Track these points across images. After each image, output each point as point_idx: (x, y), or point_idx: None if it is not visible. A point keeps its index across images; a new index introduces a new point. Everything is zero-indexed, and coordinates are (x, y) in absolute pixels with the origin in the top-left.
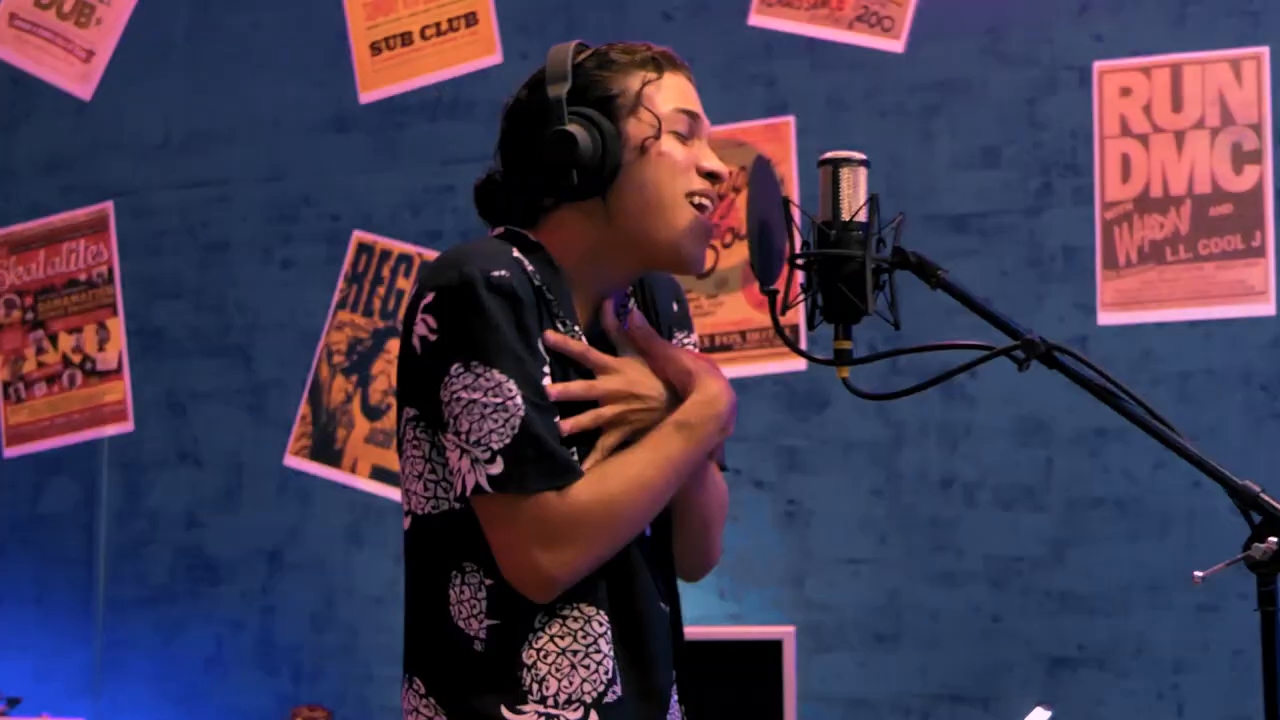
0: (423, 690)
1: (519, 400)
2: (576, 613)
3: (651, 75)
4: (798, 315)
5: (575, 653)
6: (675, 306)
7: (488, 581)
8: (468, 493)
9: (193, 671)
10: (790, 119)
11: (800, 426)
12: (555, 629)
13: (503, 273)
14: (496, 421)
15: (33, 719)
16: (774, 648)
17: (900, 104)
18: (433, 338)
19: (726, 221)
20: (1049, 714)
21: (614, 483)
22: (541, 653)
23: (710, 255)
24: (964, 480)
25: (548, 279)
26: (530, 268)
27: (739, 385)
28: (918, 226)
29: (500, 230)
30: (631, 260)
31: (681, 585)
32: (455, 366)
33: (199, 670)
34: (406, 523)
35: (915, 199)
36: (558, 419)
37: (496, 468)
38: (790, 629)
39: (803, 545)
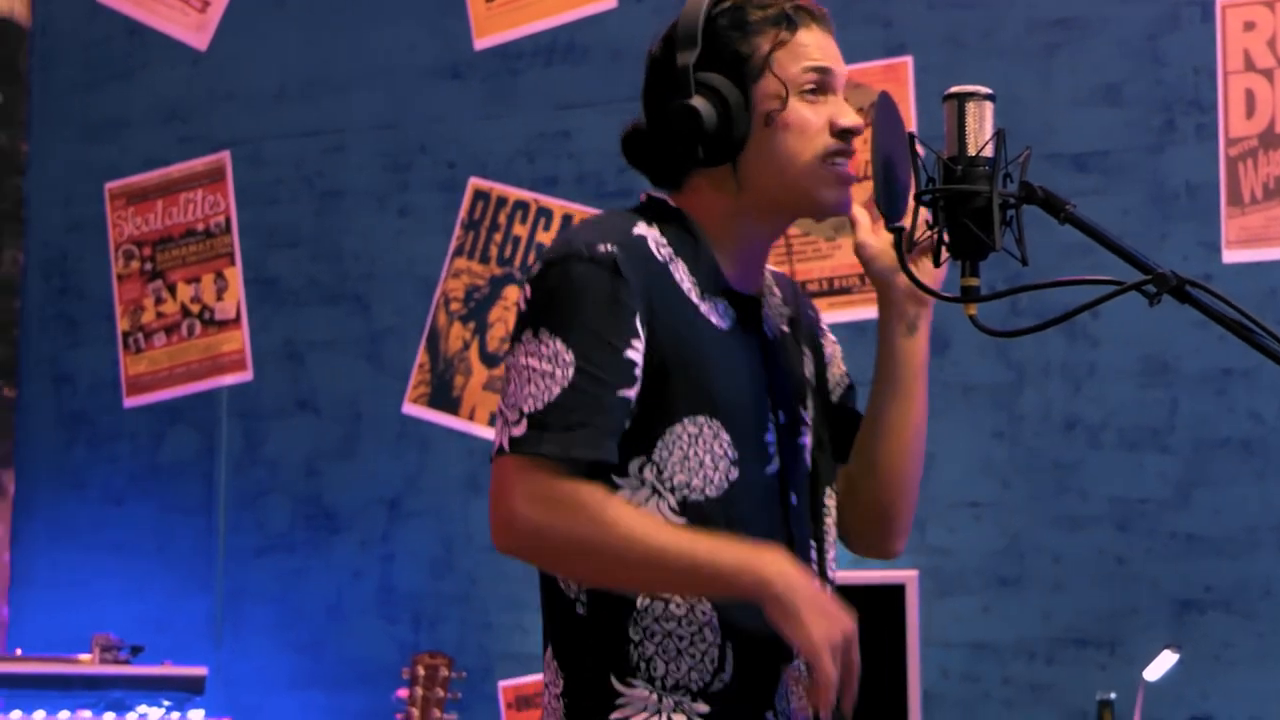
0: (551, 654)
1: (570, 372)
2: (680, 597)
3: (784, 34)
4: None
5: (681, 638)
6: (811, 313)
7: None
8: (494, 454)
9: (313, 620)
10: (908, 59)
11: None
12: (659, 610)
13: (608, 248)
14: (538, 387)
15: (154, 667)
16: (896, 592)
17: (1019, 42)
18: (523, 307)
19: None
20: (1176, 657)
21: (606, 528)
22: (648, 632)
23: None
24: (1087, 422)
25: (685, 247)
26: (662, 239)
27: (857, 329)
28: (1039, 166)
29: (644, 198)
30: (771, 220)
31: None
32: (526, 334)
33: (320, 619)
34: None
35: (1035, 138)
36: (626, 394)
37: (520, 429)
38: (913, 573)
39: (924, 489)
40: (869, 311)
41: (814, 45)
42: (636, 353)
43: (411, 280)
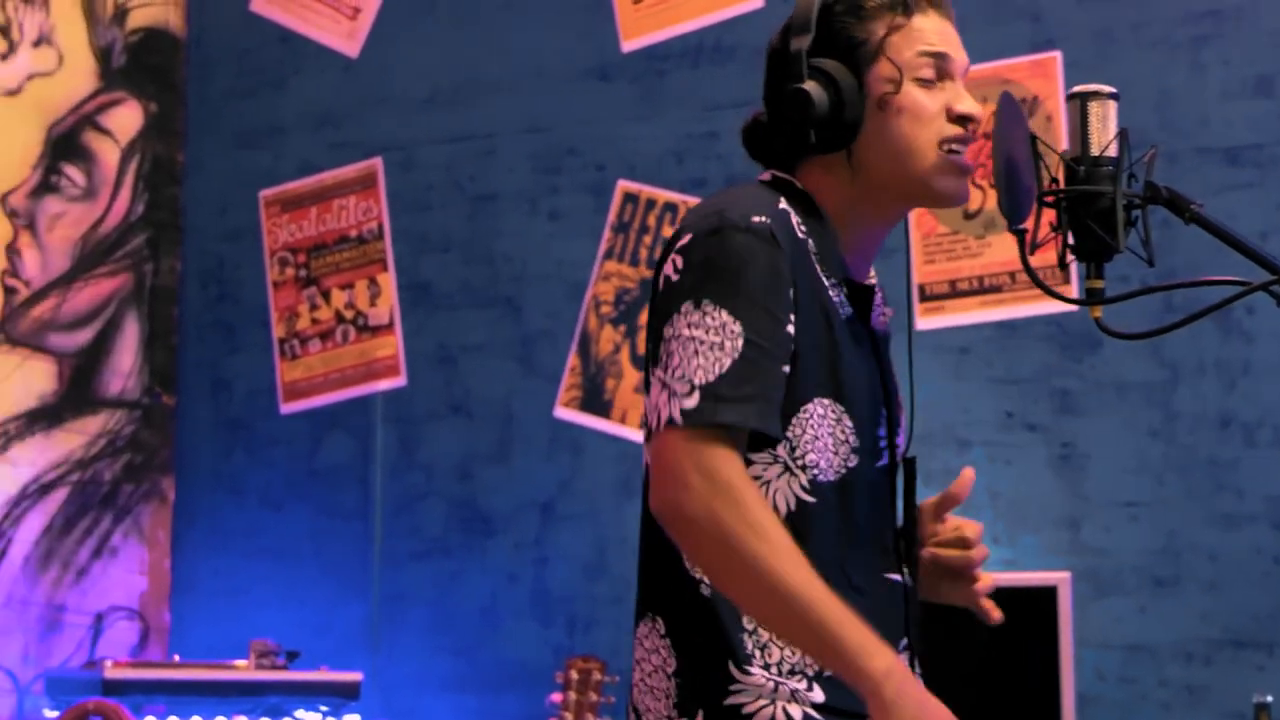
0: (663, 630)
1: (739, 343)
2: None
3: (899, 19)
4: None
5: None
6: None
7: None
8: (660, 426)
9: (468, 623)
10: (1057, 54)
11: (1073, 368)
12: None
13: (764, 219)
14: (707, 359)
15: (311, 672)
16: (1049, 594)
17: (1169, 35)
18: (675, 277)
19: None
20: None
21: (763, 545)
22: None
23: (978, 195)
24: (1243, 419)
25: (814, 228)
26: (796, 218)
27: (1008, 328)
28: (1190, 160)
29: (768, 176)
30: (886, 207)
31: None
32: (686, 305)
33: (474, 622)
34: (646, 458)
35: (1186, 132)
36: (785, 369)
37: (692, 401)
38: (1065, 575)
39: (1078, 489)
40: (1020, 310)
41: (931, 30)
42: (793, 327)
43: (562, 283)
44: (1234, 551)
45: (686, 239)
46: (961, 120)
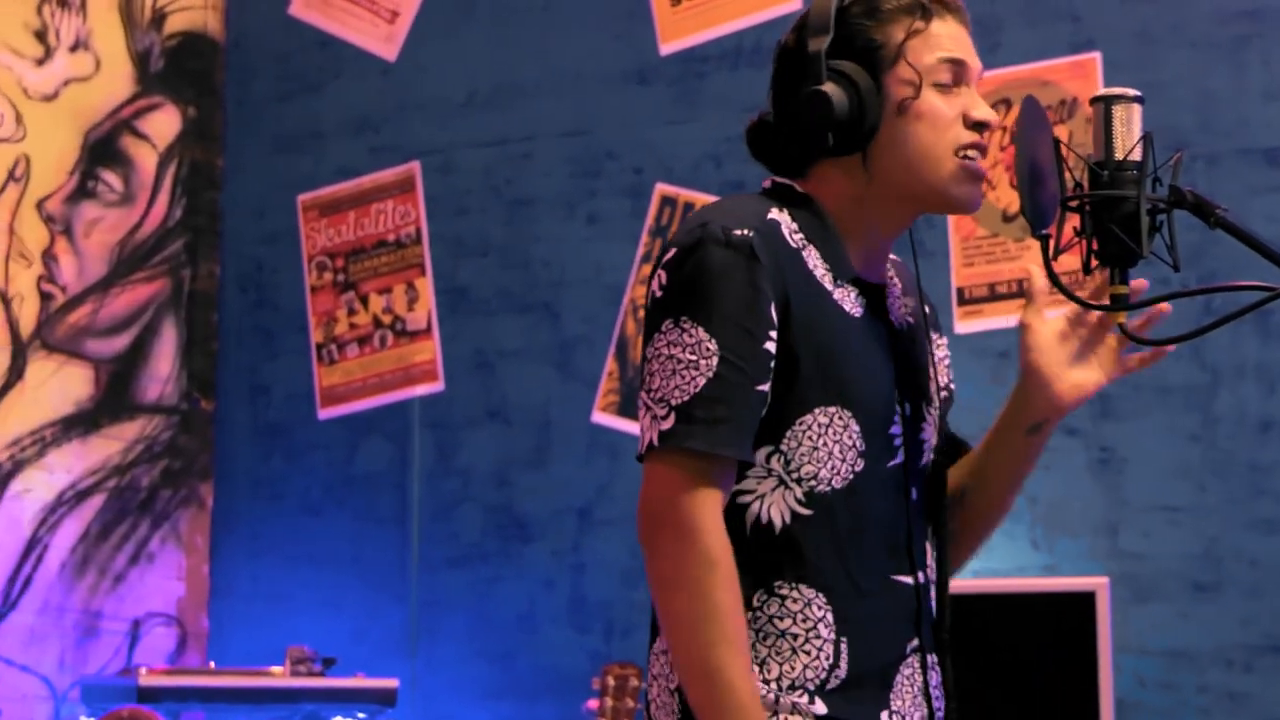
0: (659, 648)
1: (714, 361)
2: (796, 594)
3: (918, 24)
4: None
5: (795, 636)
6: (927, 310)
7: None
8: (644, 450)
9: (506, 630)
10: (1096, 55)
11: None
12: (774, 609)
13: (744, 231)
14: (683, 379)
15: (347, 679)
16: (1087, 600)
17: (1209, 35)
18: (659, 294)
19: None
20: None
21: (709, 611)
22: (761, 634)
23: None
24: None
25: (815, 234)
26: (793, 225)
27: None
28: (1231, 161)
29: (769, 183)
30: (899, 211)
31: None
32: (667, 323)
33: (512, 629)
34: None
35: (1227, 133)
36: (763, 388)
37: (668, 423)
38: (1104, 580)
39: (1117, 493)
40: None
41: (948, 36)
42: (773, 344)
43: (600, 288)
44: (1275, 557)
45: (670, 254)
46: (978, 126)
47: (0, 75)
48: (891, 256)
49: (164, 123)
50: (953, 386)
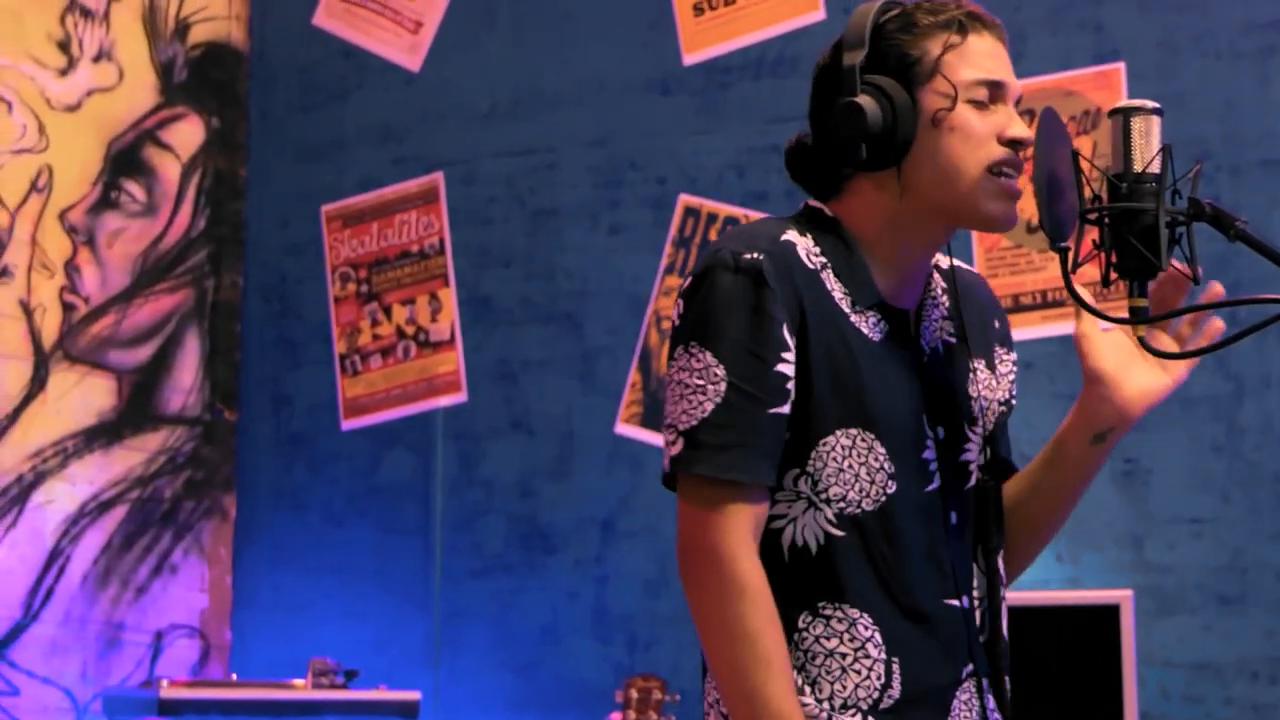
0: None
1: (721, 386)
2: (840, 614)
3: (955, 39)
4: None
5: (844, 655)
6: (997, 324)
7: None
8: (663, 479)
9: (529, 641)
10: (1120, 65)
11: None
12: (820, 630)
13: (754, 255)
14: (691, 404)
15: (369, 691)
16: (1111, 612)
17: (1234, 45)
18: (677, 321)
19: None
20: None
21: (741, 634)
22: (809, 654)
23: None
24: None
25: (839, 257)
26: (815, 247)
27: (1070, 343)
28: (1255, 172)
29: (802, 206)
30: (932, 227)
31: None
32: (679, 350)
33: (535, 640)
34: None
35: (1252, 144)
36: (779, 410)
37: (677, 448)
38: (1128, 593)
39: (1141, 505)
40: None
41: (985, 54)
42: (788, 365)
43: (623, 299)
44: None
45: (686, 283)
46: (1013, 144)
47: (23, 86)
48: (969, 268)
49: (187, 133)
50: (1013, 401)
